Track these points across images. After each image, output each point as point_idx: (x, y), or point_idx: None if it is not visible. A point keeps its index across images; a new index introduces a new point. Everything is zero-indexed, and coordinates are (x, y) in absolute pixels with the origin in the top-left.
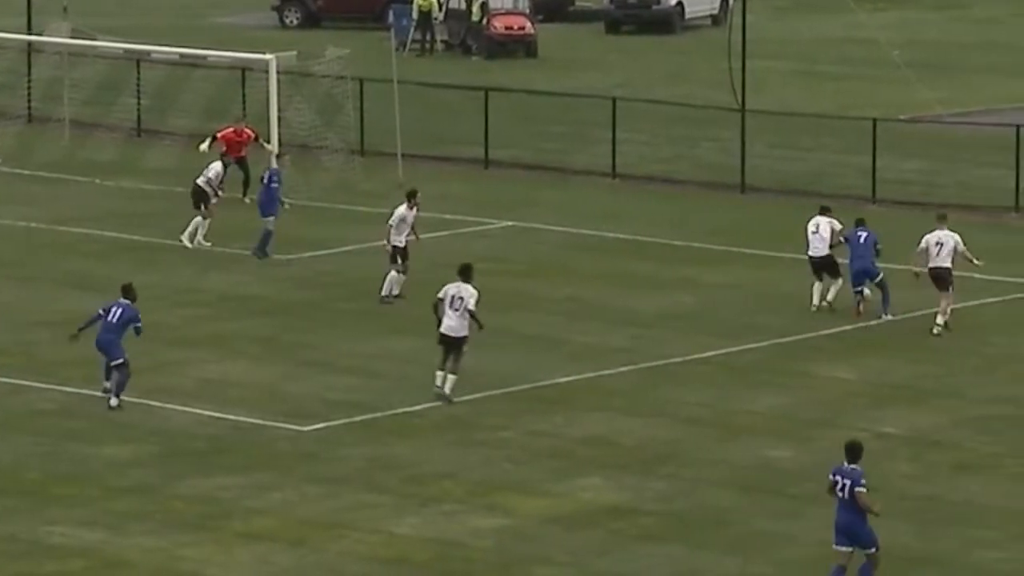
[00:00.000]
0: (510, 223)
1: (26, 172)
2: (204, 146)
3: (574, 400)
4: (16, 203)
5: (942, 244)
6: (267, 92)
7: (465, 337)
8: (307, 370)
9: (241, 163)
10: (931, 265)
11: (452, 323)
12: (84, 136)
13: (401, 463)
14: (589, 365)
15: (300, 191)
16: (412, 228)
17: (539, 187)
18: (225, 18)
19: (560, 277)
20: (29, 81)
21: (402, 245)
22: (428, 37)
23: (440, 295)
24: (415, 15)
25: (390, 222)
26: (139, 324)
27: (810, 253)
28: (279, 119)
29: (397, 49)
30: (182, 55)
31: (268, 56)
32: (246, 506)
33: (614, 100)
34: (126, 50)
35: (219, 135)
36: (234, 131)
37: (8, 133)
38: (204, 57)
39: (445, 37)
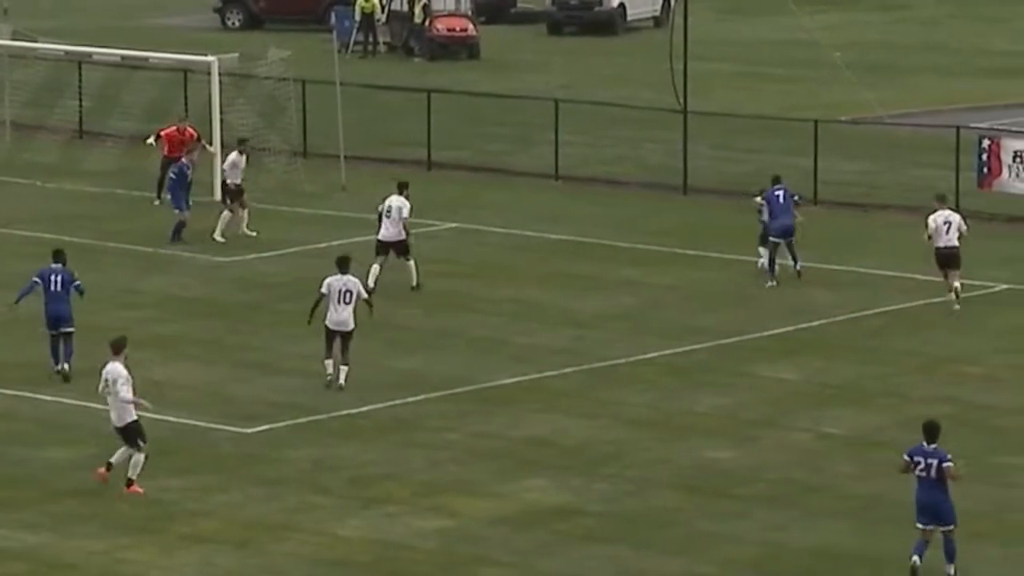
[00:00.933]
0: (454, 224)
1: None
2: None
3: (518, 401)
4: None
5: (950, 223)
6: (209, 94)
7: (354, 330)
8: (250, 372)
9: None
10: (941, 245)
11: (343, 316)
12: (25, 138)
13: (345, 464)
14: (532, 366)
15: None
16: (405, 226)
17: (482, 188)
18: (167, 19)
19: (504, 278)
20: None
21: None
22: (370, 39)
23: (323, 290)
24: (357, 17)
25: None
26: (79, 283)
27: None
28: (221, 121)
29: (339, 51)
30: (124, 57)
31: (210, 58)
32: (190, 508)
33: (556, 102)
34: (67, 52)
35: (162, 133)
36: (176, 130)
37: None
38: (146, 59)
39: (387, 39)
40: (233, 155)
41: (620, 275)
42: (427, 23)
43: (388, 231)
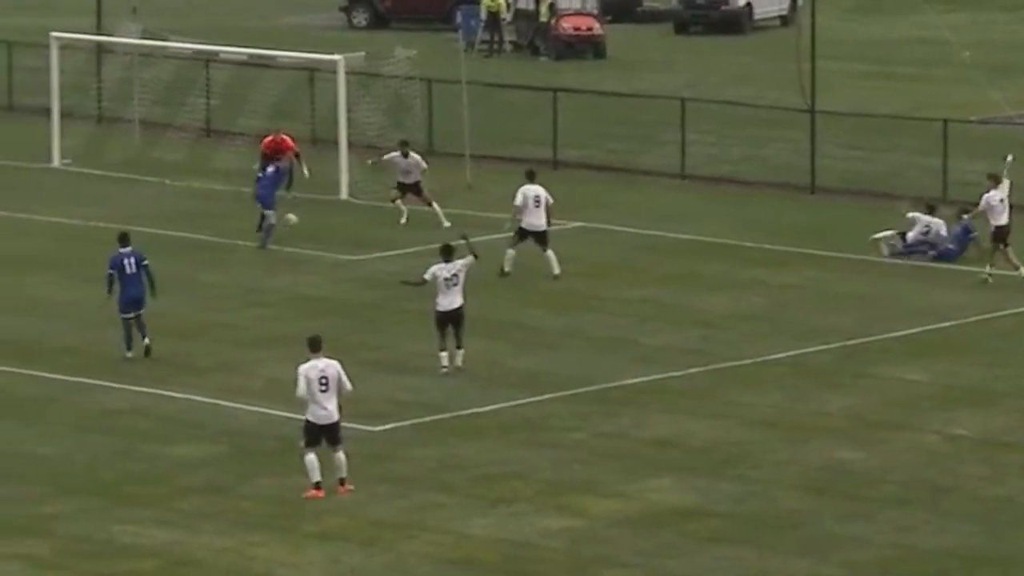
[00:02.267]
0: (579, 224)
1: (96, 172)
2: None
3: (643, 401)
4: (85, 203)
5: (1004, 200)
6: (336, 93)
7: (464, 312)
8: (375, 371)
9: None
10: (999, 223)
11: (452, 299)
12: (154, 136)
13: (470, 463)
14: (658, 366)
15: (368, 192)
16: (548, 213)
17: (608, 188)
18: (293, 19)
19: (629, 278)
20: (99, 82)
21: None
22: (496, 38)
23: (427, 276)
24: (483, 16)
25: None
26: (147, 262)
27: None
28: (347, 120)
29: (465, 50)
30: (251, 56)
31: (337, 57)
32: (317, 506)
33: (683, 101)
34: (195, 51)
35: (262, 143)
36: (273, 139)
37: (78, 133)
38: (273, 58)
39: (513, 38)
40: (395, 156)
41: (746, 275)
42: (553, 22)
43: (535, 219)
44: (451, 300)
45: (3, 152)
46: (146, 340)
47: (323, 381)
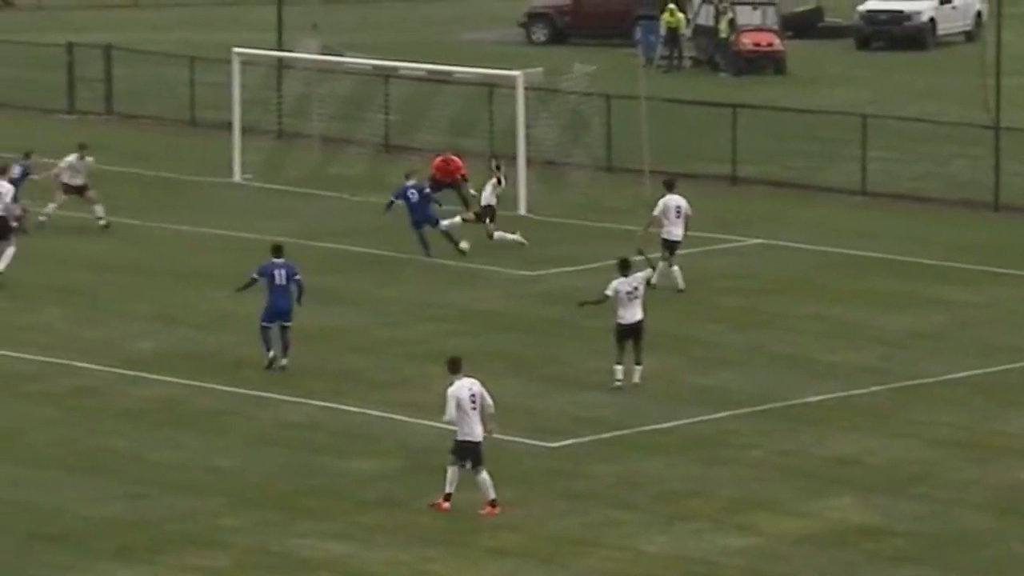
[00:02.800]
0: (758, 240)
1: (276, 187)
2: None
3: (823, 419)
4: (266, 217)
5: None
6: (514, 109)
7: (644, 326)
8: (553, 386)
9: (456, 186)
10: None
11: (633, 312)
12: (333, 151)
13: (649, 480)
14: (839, 384)
15: (546, 208)
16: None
17: (787, 204)
18: (473, 34)
19: (809, 295)
20: (279, 97)
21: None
22: (676, 53)
23: (609, 292)
24: (663, 31)
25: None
26: (299, 276)
27: None
28: (526, 136)
29: (644, 65)
30: (430, 71)
31: (515, 72)
32: (493, 522)
33: (864, 117)
34: (375, 66)
35: (431, 165)
36: (443, 160)
37: (259, 148)
38: (451, 73)
39: (693, 53)
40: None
41: (928, 293)
42: (733, 38)
43: (675, 229)
44: (632, 313)
45: (185, 167)
46: (285, 361)
47: (473, 400)
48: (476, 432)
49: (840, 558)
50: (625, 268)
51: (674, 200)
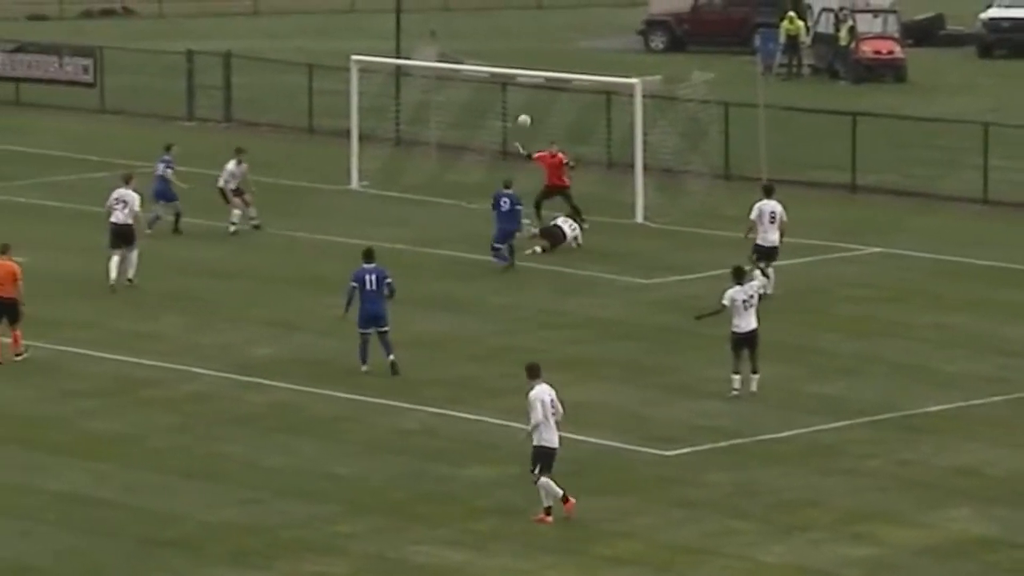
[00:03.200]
0: (877, 249)
1: (393, 194)
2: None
3: (943, 429)
4: (383, 224)
5: None
6: (632, 116)
7: (759, 336)
8: (670, 394)
9: (564, 193)
10: None
11: (749, 321)
12: (451, 159)
13: (766, 489)
14: (958, 394)
15: (664, 215)
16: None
17: (907, 213)
18: (591, 42)
19: (928, 304)
20: (398, 104)
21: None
22: (795, 61)
23: (725, 302)
24: (782, 39)
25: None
26: (390, 279)
27: None
28: (643, 143)
29: (763, 73)
30: (547, 79)
31: (633, 80)
32: (609, 529)
33: (986, 125)
34: (492, 74)
35: (535, 156)
36: (549, 153)
37: (376, 156)
38: (569, 81)
39: (812, 61)
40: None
41: None
42: (853, 45)
43: (771, 235)
44: (748, 322)
45: (303, 174)
46: (391, 357)
47: (554, 404)
48: (554, 439)
49: (959, 570)
50: (740, 276)
51: (769, 205)
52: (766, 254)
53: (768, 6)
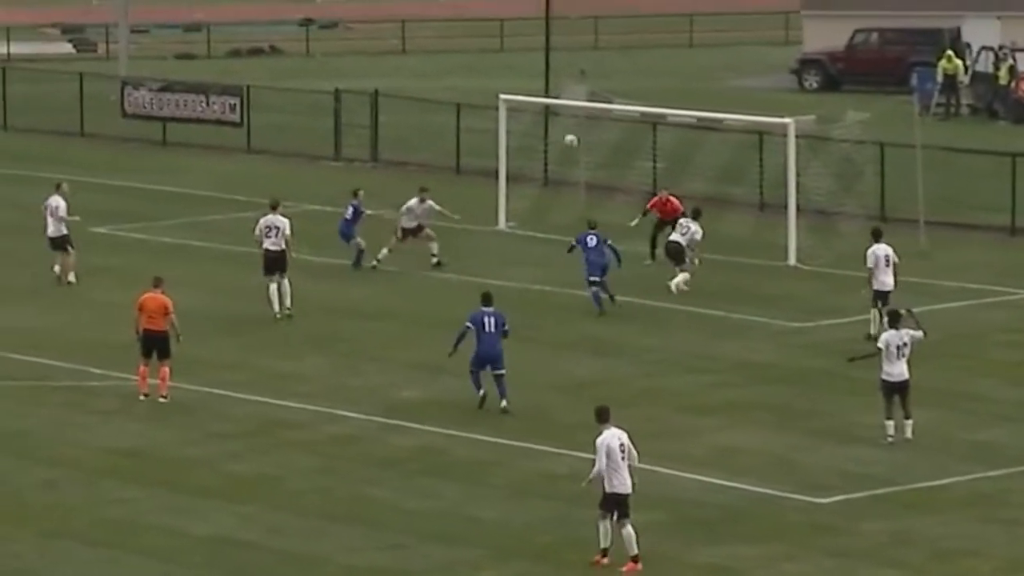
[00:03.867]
0: None
1: (540, 235)
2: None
3: None
4: (529, 265)
5: None
6: (785, 156)
7: (909, 381)
8: (822, 440)
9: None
10: None
11: (899, 368)
12: (600, 199)
13: (923, 538)
14: None
15: (817, 257)
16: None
17: None
18: (743, 81)
19: None
20: (546, 144)
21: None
22: (953, 101)
23: (880, 344)
24: (939, 78)
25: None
26: (507, 326)
27: None
28: (796, 184)
29: (920, 113)
30: (699, 118)
31: (787, 120)
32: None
33: None
34: (643, 113)
35: (649, 205)
36: (660, 199)
37: (524, 196)
38: (720, 120)
39: (970, 101)
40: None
41: None
42: (1013, 84)
43: (887, 278)
44: (899, 370)
45: (456, 213)
46: (504, 403)
47: (623, 449)
48: (626, 484)
49: None
50: (895, 321)
51: (882, 249)
52: (883, 297)
53: (926, 45)
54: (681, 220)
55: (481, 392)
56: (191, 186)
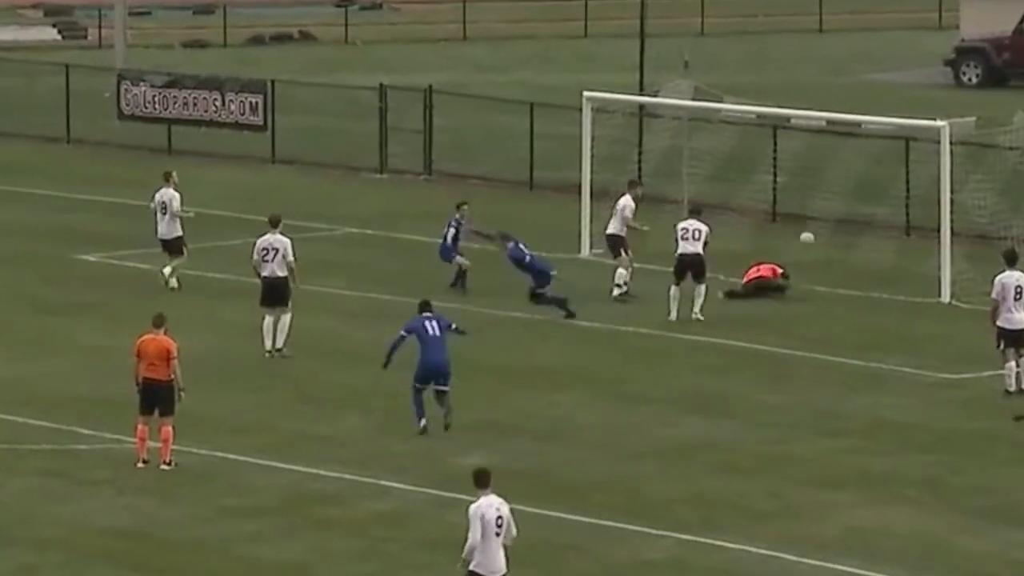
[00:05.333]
0: None
1: (634, 264)
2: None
3: None
4: (618, 304)
5: None
6: (937, 168)
7: None
8: (985, 521)
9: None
10: None
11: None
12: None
13: None
14: None
15: (977, 293)
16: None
17: None
18: (884, 75)
19: None
20: (639, 153)
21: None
22: None
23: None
24: None
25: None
26: (455, 324)
27: None
28: (951, 202)
29: None
30: (830, 121)
31: (940, 123)
32: None
33: None
34: (759, 114)
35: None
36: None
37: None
38: (858, 124)
39: None
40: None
41: None
42: None
43: (1019, 316)
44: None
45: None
46: (447, 418)
47: (499, 523)
48: (499, 564)
49: None
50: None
51: (1014, 278)
52: (1014, 339)
53: None
54: (685, 224)
55: (422, 424)
56: (202, 204)
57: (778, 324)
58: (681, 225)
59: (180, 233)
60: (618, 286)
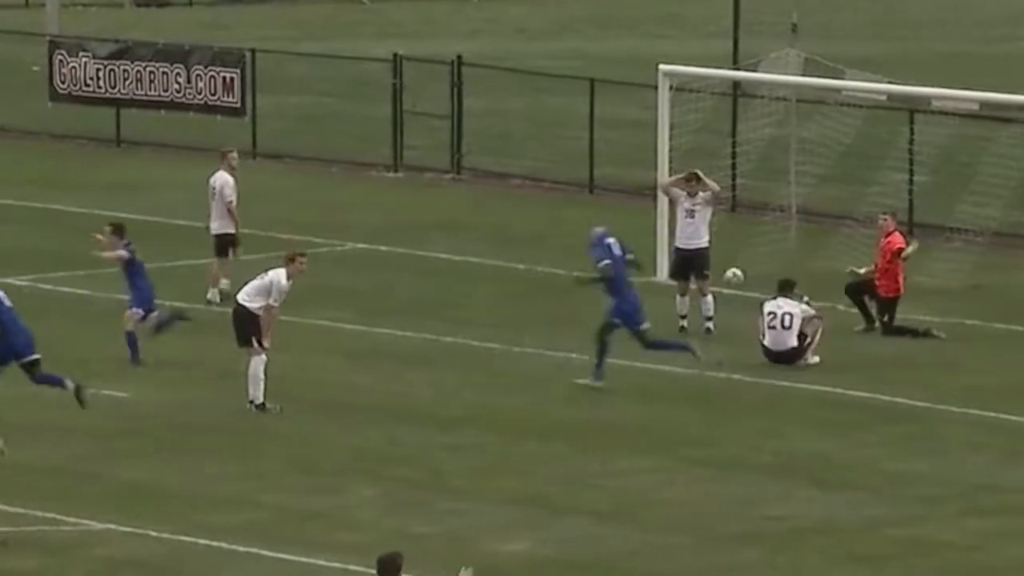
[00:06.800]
0: None
1: (722, 290)
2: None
3: None
4: (706, 336)
5: None
6: None
7: None
8: None
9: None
10: None
11: None
12: (817, 233)
13: None
14: None
15: None
16: None
17: None
18: None
19: None
20: (734, 145)
21: None
22: None
23: None
24: None
25: None
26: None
27: None
28: None
29: None
30: (983, 103)
31: None
32: None
33: None
34: (890, 94)
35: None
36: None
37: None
38: (1020, 107)
39: None
40: None
41: None
42: None
43: None
44: None
45: (576, 256)
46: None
47: None
48: None
49: None
50: None
51: None
52: None
53: None
54: (772, 306)
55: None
56: (161, 211)
57: (918, 369)
58: (768, 308)
59: (233, 231)
60: (708, 318)
